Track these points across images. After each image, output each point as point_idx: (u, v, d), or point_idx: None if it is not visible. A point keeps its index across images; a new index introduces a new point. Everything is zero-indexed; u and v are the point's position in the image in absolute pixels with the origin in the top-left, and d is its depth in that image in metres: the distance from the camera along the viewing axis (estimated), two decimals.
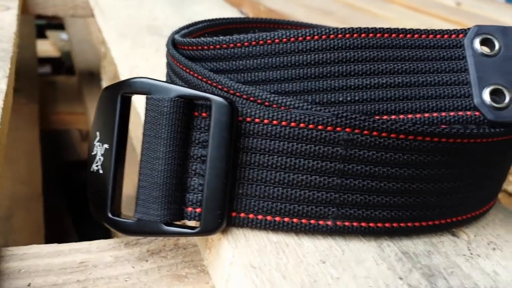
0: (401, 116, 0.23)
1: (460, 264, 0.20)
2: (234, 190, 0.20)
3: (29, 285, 0.19)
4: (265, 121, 0.20)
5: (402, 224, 0.21)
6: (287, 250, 0.20)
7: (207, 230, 0.19)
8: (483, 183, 0.23)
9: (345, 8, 0.83)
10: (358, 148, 0.20)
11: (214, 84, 0.23)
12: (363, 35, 0.23)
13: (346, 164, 0.20)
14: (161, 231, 0.19)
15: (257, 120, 0.20)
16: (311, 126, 0.20)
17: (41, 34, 1.44)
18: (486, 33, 0.23)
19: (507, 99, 0.22)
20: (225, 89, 0.22)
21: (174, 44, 0.27)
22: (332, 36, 0.23)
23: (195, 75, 0.23)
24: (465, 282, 0.19)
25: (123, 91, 0.20)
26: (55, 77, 1.17)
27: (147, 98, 0.20)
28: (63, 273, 0.20)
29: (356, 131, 0.20)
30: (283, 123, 0.20)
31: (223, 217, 0.19)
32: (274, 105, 0.21)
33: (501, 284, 0.20)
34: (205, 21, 0.31)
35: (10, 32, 0.38)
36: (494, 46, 0.23)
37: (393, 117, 0.22)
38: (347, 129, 0.20)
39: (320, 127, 0.20)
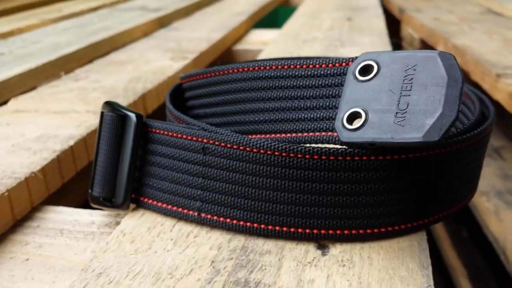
0: (281, 135, 0.26)
1: (282, 267, 0.23)
2: (143, 181, 0.28)
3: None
4: (161, 131, 0.27)
5: (255, 225, 0.25)
6: (157, 227, 0.26)
7: (115, 206, 0.28)
8: (358, 202, 0.24)
9: None
10: (214, 156, 0.25)
11: (168, 113, 0.31)
12: (267, 67, 0.27)
13: (206, 167, 0.25)
14: (98, 203, 0.29)
15: (156, 130, 0.27)
16: (184, 136, 0.26)
17: None
18: (370, 59, 0.24)
19: (360, 122, 0.23)
20: (172, 116, 0.30)
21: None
22: (249, 69, 0.28)
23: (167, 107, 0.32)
24: (265, 279, 0.22)
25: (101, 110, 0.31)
26: None
27: (103, 114, 0.29)
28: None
29: (210, 142, 0.25)
30: (169, 133, 0.26)
31: (126, 198, 0.27)
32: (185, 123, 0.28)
33: None
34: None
35: (161, 78, 0.53)
36: (371, 72, 0.24)
37: (273, 135, 0.26)
38: (205, 140, 0.25)
39: (189, 137, 0.26)
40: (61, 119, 0.42)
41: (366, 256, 0.23)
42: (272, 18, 1.33)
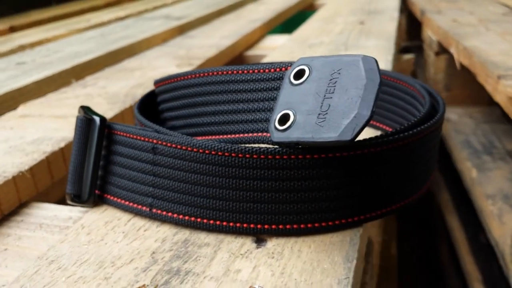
0: (226, 136, 0.28)
1: (215, 258, 0.24)
2: (106, 179, 0.30)
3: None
4: (120, 133, 0.29)
5: (198, 219, 0.26)
6: (114, 221, 0.28)
7: (81, 202, 0.30)
8: (291, 198, 0.25)
9: None
10: (162, 155, 0.27)
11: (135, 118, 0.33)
12: (219, 73, 0.29)
13: (156, 166, 0.27)
14: (70, 199, 0.31)
15: (117, 132, 0.29)
16: (138, 137, 0.28)
17: None
18: (304, 64, 0.25)
19: (289, 123, 0.24)
20: (135, 118, 0.32)
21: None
22: (204, 74, 0.30)
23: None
24: (196, 268, 0.24)
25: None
26: None
27: (77, 117, 0.32)
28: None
29: (159, 142, 0.27)
30: (127, 135, 0.29)
31: (90, 195, 0.30)
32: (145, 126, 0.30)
33: (191, 279, 0.23)
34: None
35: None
36: (304, 76, 0.25)
37: (220, 137, 0.28)
38: (154, 140, 0.27)
39: (142, 138, 0.28)
40: (60, 123, 0.45)
41: (297, 249, 0.25)
42: (299, 23, 1.34)
